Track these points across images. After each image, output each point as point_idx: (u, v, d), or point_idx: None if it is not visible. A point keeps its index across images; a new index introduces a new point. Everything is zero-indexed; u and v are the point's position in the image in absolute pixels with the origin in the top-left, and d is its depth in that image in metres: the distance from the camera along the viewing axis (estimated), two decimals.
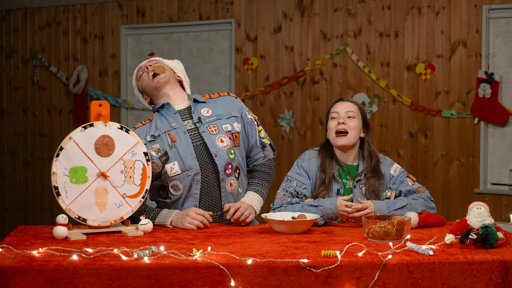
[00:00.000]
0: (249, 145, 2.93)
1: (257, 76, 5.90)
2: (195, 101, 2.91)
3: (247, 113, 2.95)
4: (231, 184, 2.83)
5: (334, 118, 2.91)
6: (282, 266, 2.04)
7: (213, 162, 2.80)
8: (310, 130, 5.72)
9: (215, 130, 2.83)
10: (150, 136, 2.81)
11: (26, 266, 1.98)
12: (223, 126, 2.85)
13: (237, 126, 2.88)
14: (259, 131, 2.95)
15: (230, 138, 2.84)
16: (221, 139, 2.82)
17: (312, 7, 5.70)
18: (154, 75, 2.88)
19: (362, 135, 2.94)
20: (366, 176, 2.87)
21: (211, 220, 2.73)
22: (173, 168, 2.78)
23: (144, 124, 2.89)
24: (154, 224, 2.70)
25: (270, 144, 2.99)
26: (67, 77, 6.50)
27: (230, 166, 2.81)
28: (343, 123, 2.86)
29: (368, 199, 2.83)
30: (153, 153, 2.79)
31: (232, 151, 2.83)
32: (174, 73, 2.97)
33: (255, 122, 2.95)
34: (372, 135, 2.98)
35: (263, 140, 2.95)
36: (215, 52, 6.13)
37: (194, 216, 2.67)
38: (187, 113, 2.88)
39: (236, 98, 2.98)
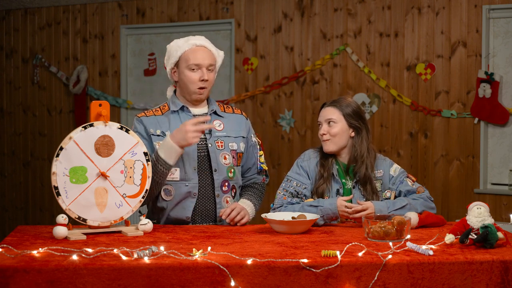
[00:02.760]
0: (247, 165, 2.98)
1: (257, 76, 5.90)
2: (214, 112, 2.91)
3: (252, 135, 2.99)
4: (227, 201, 2.87)
5: (319, 125, 2.93)
6: (282, 266, 2.04)
7: (212, 176, 2.82)
8: (310, 130, 5.72)
9: (222, 146, 2.86)
10: (161, 131, 2.82)
11: (26, 266, 1.98)
12: (230, 144, 2.88)
13: (242, 146, 2.92)
14: (260, 156, 3.01)
15: (233, 157, 2.87)
16: (225, 156, 2.85)
17: (312, 7, 5.70)
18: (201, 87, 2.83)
19: (353, 134, 2.91)
20: (361, 184, 2.86)
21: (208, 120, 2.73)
22: (173, 173, 2.79)
23: (155, 115, 2.87)
24: (161, 157, 2.67)
25: (266, 170, 3.05)
26: (67, 77, 6.50)
27: (227, 184, 2.85)
28: (323, 134, 2.87)
29: (368, 198, 2.83)
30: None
31: (232, 170, 2.87)
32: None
33: (258, 146, 3.01)
34: (368, 135, 2.90)
35: (261, 165, 3.01)
36: None
37: (193, 128, 2.65)
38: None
39: (247, 119, 3.00)
